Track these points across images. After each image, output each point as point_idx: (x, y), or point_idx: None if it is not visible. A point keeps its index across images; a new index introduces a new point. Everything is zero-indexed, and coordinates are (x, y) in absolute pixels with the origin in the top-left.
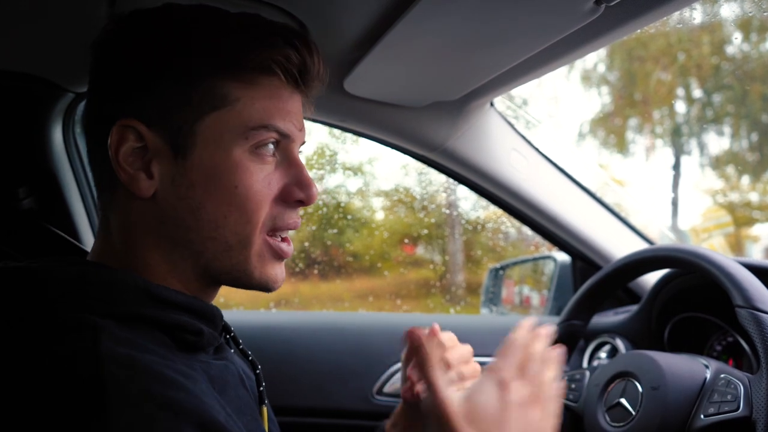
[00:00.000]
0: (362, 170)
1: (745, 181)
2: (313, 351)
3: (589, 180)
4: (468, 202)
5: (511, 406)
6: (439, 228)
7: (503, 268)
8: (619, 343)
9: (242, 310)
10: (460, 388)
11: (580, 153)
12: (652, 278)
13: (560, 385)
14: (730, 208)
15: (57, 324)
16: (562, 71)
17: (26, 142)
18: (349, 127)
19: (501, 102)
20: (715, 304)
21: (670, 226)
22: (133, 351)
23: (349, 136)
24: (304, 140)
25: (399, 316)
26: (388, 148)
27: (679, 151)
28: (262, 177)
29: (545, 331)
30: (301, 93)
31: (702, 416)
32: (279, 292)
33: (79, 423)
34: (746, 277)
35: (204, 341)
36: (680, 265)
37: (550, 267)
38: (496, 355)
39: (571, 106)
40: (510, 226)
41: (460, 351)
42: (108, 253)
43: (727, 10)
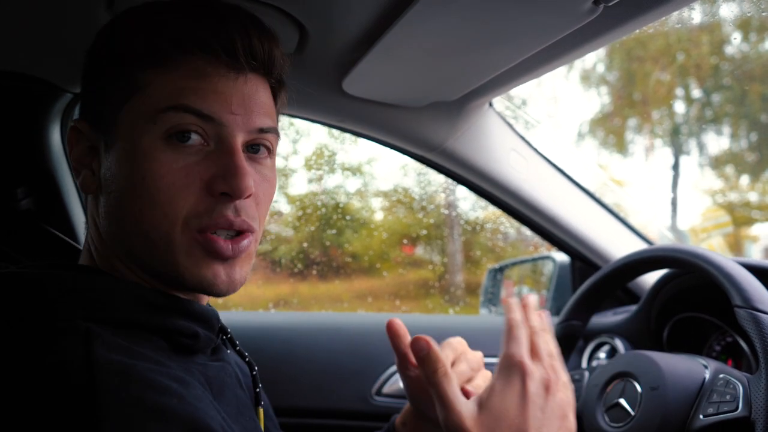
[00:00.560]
0: (361, 171)
1: (744, 181)
2: (312, 351)
3: (588, 180)
4: (467, 203)
5: (533, 394)
6: (438, 228)
7: (502, 269)
8: (618, 344)
9: (241, 311)
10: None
11: (579, 153)
12: (651, 278)
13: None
14: (729, 208)
15: (49, 331)
16: (561, 71)
17: (24, 143)
18: (347, 127)
19: (500, 102)
20: (714, 305)
21: (669, 226)
22: (126, 358)
23: (347, 136)
24: (261, 128)
25: (398, 317)
26: (387, 149)
27: (678, 151)
28: (178, 167)
29: (532, 302)
30: (243, 73)
31: (701, 416)
32: (278, 293)
33: (71, 431)
34: (745, 277)
35: (200, 344)
36: (679, 265)
37: (549, 267)
38: (504, 341)
39: (570, 107)
40: (509, 226)
41: (472, 358)
42: (88, 257)
43: (726, 10)
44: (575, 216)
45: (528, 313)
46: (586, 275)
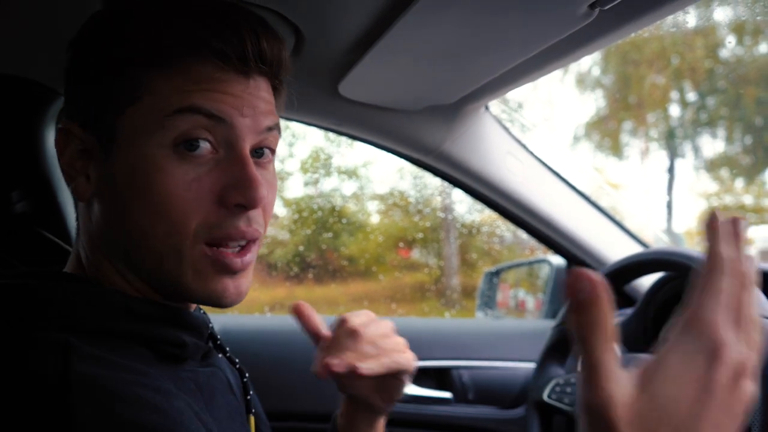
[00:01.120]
0: (357, 174)
1: (739, 184)
2: (308, 355)
3: (584, 183)
4: (463, 206)
5: (720, 386)
6: (435, 231)
7: (499, 272)
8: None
9: (237, 314)
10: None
11: (574, 156)
12: (647, 281)
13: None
14: (725, 210)
15: (24, 343)
16: (557, 75)
17: (19, 146)
18: (344, 130)
19: (496, 105)
20: None
21: (665, 229)
22: (104, 370)
23: (344, 139)
24: (268, 126)
25: (394, 320)
26: (384, 152)
27: (673, 154)
28: (189, 180)
29: (744, 228)
30: (249, 77)
31: None
32: (274, 296)
33: None
34: None
35: (188, 352)
36: (675, 268)
37: (545, 270)
38: (696, 291)
39: (565, 110)
40: (505, 229)
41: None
42: (76, 264)
43: (721, 14)
44: (571, 219)
45: (740, 248)
46: None
